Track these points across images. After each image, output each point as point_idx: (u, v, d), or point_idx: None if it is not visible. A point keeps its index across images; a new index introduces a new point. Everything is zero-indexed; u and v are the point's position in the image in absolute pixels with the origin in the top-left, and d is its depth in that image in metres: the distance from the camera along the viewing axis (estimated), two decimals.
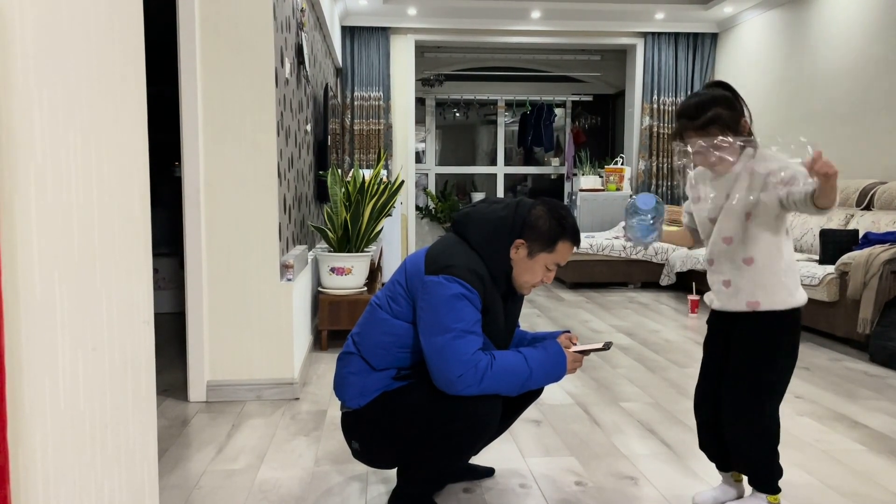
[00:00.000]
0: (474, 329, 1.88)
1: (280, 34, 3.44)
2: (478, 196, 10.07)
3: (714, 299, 2.10)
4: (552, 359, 1.95)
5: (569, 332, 2.13)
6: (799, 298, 1.98)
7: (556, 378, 1.97)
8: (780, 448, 2.04)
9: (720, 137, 1.88)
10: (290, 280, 3.31)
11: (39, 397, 1.00)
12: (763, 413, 1.98)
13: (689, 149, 1.93)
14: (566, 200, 9.07)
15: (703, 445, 2.17)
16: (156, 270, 5.28)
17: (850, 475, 2.41)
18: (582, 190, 8.11)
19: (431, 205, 9.45)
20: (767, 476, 2.02)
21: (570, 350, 2.01)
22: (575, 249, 2.07)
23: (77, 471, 1.13)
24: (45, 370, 1.02)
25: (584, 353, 2.02)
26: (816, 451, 2.61)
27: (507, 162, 9.98)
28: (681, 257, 6.27)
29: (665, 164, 8.11)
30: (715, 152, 1.89)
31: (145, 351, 1.43)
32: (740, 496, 2.14)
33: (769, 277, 1.96)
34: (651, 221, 2.08)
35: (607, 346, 2.04)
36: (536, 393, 2.20)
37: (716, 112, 1.88)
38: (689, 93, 7.99)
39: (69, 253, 1.09)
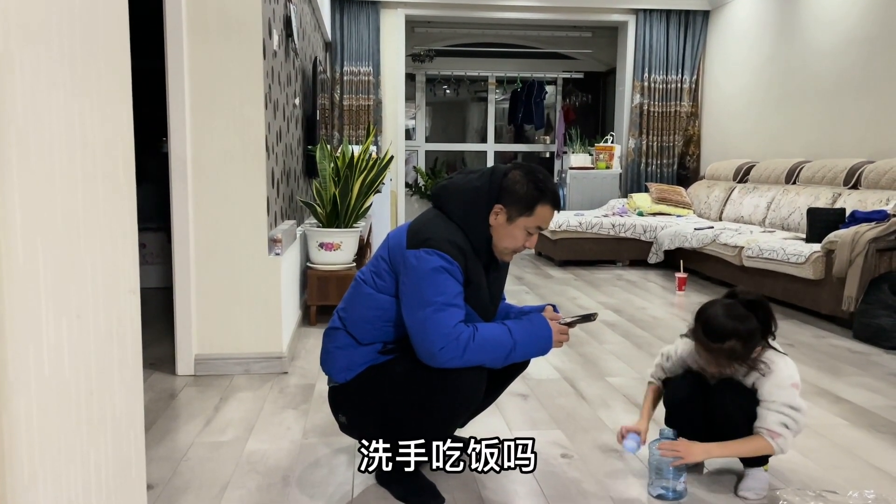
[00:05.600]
0: (455, 301, 1.88)
1: (268, 5, 3.39)
2: None
3: None
4: (537, 331, 1.95)
5: (552, 305, 2.13)
6: None
7: (542, 351, 1.97)
8: None
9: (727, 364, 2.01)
10: (278, 255, 3.29)
11: (23, 364, 1.00)
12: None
13: (698, 357, 2.09)
14: (556, 178, 9.07)
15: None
16: (143, 245, 5.25)
17: (831, 448, 2.45)
18: (572, 168, 8.11)
19: (421, 181, 9.42)
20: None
21: (556, 322, 2.00)
22: (556, 213, 2.04)
23: (63, 439, 1.13)
24: (29, 337, 1.01)
25: (570, 324, 2.03)
26: None
27: (498, 139, 9.95)
28: (669, 235, 6.29)
29: (655, 143, 8.11)
30: (713, 371, 2.05)
31: (131, 320, 1.42)
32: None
33: None
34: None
35: (593, 317, 2.04)
36: (522, 366, 2.20)
37: (730, 345, 1.96)
38: (679, 70, 7.97)
39: (53, 219, 1.08)
